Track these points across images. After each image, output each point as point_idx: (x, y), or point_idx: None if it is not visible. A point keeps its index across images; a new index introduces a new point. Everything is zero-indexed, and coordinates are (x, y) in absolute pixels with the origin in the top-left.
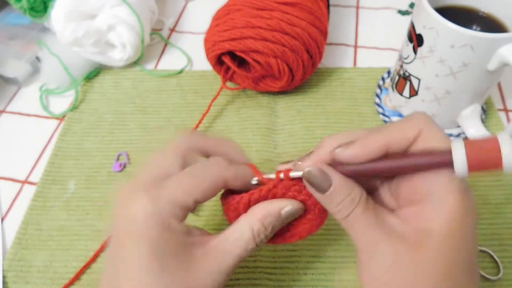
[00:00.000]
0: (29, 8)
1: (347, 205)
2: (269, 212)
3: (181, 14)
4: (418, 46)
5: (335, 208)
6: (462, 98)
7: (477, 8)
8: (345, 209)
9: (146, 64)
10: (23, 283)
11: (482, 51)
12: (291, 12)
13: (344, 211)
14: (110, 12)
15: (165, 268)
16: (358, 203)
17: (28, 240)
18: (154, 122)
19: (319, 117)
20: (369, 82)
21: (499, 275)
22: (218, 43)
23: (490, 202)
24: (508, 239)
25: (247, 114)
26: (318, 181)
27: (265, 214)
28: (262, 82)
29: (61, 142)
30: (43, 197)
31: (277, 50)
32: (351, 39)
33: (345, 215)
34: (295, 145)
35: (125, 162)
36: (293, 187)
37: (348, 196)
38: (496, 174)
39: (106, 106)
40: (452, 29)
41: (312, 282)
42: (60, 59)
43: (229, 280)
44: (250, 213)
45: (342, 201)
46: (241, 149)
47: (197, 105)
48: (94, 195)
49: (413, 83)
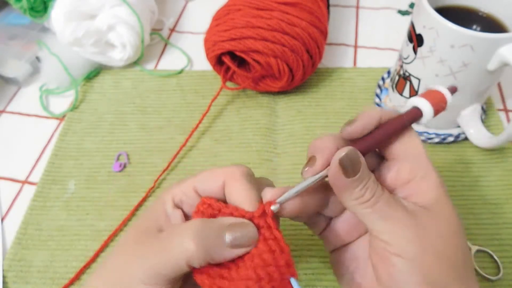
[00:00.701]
0: (29, 8)
1: (371, 187)
2: (210, 224)
3: (181, 14)
4: (418, 46)
5: (360, 192)
6: (462, 98)
7: (477, 8)
8: (369, 191)
9: (146, 64)
10: (23, 283)
11: (482, 51)
12: (291, 12)
13: (368, 193)
14: (110, 12)
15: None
16: (378, 184)
17: (28, 240)
18: (154, 122)
19: (319, 117)
20: (369, 82)
21: (499, 275)
22: (218, 43)
23: (490, 202)
24: (508, 239)
25: (247, 114)
26: (353, 162)
27: (204, 225)
28: (262, 82)
29: (61, 142)
30: (43, 197)
31: (277, 50)
32: (351, 39)
33: (369, 197)
34: (295, 145)
35: (125, 162)
36: (267, 231)
37: (370, 178)
38: (496, 174)
39: (106, 106)
40: (452, 29)
41: (312, 282)
42: (60, 59)
43: None
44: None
45: (366, 183)
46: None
47: (197, 105)
48: (94, 195)
49: (413, 83)
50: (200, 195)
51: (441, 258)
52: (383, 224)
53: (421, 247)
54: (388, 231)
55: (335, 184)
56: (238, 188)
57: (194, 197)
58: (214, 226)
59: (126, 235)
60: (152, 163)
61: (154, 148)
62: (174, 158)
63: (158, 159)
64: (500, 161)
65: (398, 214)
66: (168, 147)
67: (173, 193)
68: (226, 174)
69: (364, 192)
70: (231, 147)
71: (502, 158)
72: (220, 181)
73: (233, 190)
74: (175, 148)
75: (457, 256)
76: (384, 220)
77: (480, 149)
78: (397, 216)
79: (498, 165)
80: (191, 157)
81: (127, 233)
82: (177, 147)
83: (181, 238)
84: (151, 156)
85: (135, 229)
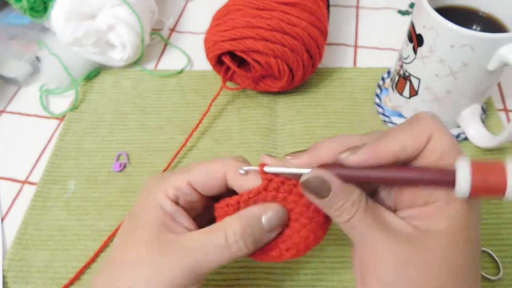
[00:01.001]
0: (29, 8)
1: (348, 209)
2: (247, 222)
3: (181, 14)
4: (418, 46)
5: (335, 212)
6: (462, 98)
7: (477, 8)
8: (346, 213)
9: (146, 64)
10: (23, 283)
11: (482, 51)
12: (291, 12)
13: (345, 215)
14: (110, 12)
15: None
16: (359, 206)
17: (28, 240)
18: (154, 122)
19: (319, 117)
20: (369, 82)
21: (499, 275)
22: (218, 43)
23: (490, 202)
24: (508, 239)
25: (247, 114)
26: (317, 187)
27: (244, 223)
28: (262, 82)
29: (61, 142)
30: (43, 197)
31: (277, 50)
32: (351, 39)
33: (346, 219)
34: (295, 145)
35: (125, 162)
36: (282, 186)
37: (348, 200)
38: None
39: (106, 106)
40: (452, 29)
41: (312, 282)
42: (60, 59)
43: (229, 280)
44: (230, 219)
45: (342, 205)
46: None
47: (197, 105)
48: (94, 195)
49: (413, 83)
50: (198, 190)
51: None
52: (362, 246)
53: (397, 276)
54: (367, 253)
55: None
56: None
57: (191, 192)
58: (254, 220)
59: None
60: (152, 163)
61: (154, 148)
62: (174, 158)
63: (158, 159)
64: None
65: (380, 239)
66: (168, 147)
67: (164, 190)
68: (226, 166)
69: (340, 213)
70: (231, 147)
71: (502, 158)
72: (220, 173)
73: (240, 177)
74: (175, 148)
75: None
76: (364, 242)
77: (480, 149)
78: (378, 241)
79: None
80: (191, 157)
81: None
82: (177, 147)
83: (228, 241)
84: (151, 156)
85: (142, 234)
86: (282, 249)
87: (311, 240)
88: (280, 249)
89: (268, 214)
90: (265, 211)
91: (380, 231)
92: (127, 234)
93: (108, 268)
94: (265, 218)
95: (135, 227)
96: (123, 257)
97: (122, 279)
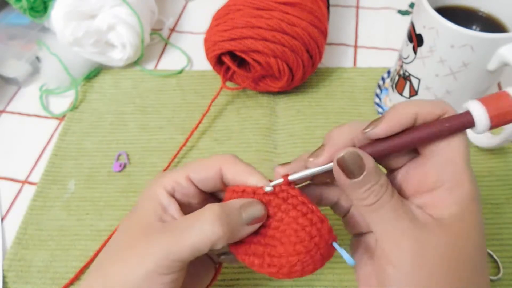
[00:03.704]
0: (29, 8)
1: (376, 191)
2: (227, 207)
3: (181, 14)
4: (418, 46)
5: (363, 194)
6: (462, 98)
7: (477, 8)
8: (374, 195)
9: (146, 64)
10: (23, 283)
11: (482, 51)
12: (291, 12)
13: (372, 197)
14: (110, 12)
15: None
16: (386, 189)
17: (28, 240)
18: (154, 122)
19: (319, 117)
20: (369, 82)
21: (499, 275)
22: (218, 43)
23: (490, 202)
24: (508, 239)
25: (247, 114)
26: (352, 164)
27: (224, 208)
28: (262, 82)
29: (61, 142)
30: (43, 197)
31: (277, 50)
32: (351, 39)
33: (373, 201)
34: (295, 145)
35: (125, 162)
36: (291, 198)
37: (378, 182)
38: (496, 174)
39: (106, 106)
40: (452, 29)
41: (312, 282)
42: (60, 59)
43: (229, 280)
44: (211, 204)
45: (371, 187)
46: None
47: (197, 105)
48: (94, 195)
49: (413, 83)
50: (196, 184)
51: (437, 278)
52: (384, 231)
53: (417, 263)
54: (388, 239)
55: (338, 182)
56: (239, 169)
57: (188, 186)
58: (233, 208)
59: (124, 232)
60: (152, 163)
61: (154, 148)
62: (174, 158)
63: (158, 159)
64: (500, 161)
65: (402, 225)
66: (168, 147)
67: (164, 185)
68: (221, 161)
69: (368, 195)
70: (231, 147)
71: (502, 158)
72: (216, 168)
73: (236, 170)
74: (175, 148)
75: (460, 280)
76: (386, 227)
77: (480, 149)
78: (400, 226)
79: (498, 165)
80: (191, 157)
81: (125, 230)
82: (177, 147)
83: (203, 222)
84: (151, 156)
85: (135, 224)
86: (265, 261)
87: (296, 270)
88: (264, 260)
89: (247, 205)
90: (245, 202)
91: (404, 216)
92: (124, 223)
93: (101, 256)
94: (244, 209)
95: (131, 217)
96: (114, 244)
97: (110, 267)
